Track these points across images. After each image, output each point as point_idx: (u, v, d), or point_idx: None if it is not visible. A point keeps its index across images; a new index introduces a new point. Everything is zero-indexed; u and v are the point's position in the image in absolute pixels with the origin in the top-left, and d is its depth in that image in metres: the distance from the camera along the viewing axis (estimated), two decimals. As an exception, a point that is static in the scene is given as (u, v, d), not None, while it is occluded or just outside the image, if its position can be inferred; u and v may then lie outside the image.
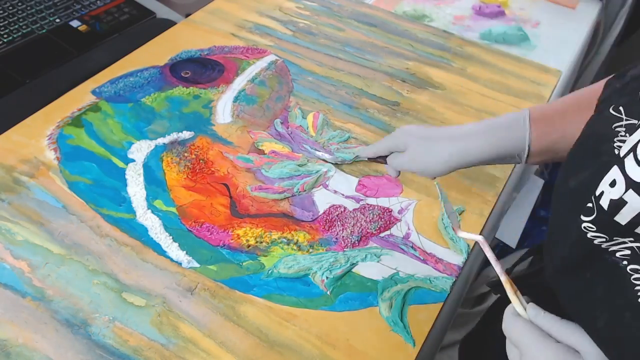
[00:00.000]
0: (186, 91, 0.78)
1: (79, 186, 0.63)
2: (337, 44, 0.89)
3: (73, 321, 0.51)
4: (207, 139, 0.71)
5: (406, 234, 0.61)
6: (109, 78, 0.78)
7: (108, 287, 0.54)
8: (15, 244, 0.57)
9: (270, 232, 0.60)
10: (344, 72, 0.83)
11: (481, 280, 1.17)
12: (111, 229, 0.59)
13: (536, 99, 0.80)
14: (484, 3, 1.03)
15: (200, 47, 0.86)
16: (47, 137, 0.69)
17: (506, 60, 0.88)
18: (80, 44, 0.86)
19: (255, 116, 0.75)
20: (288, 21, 0.94)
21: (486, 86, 0.83)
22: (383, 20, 0.96)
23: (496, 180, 0.68)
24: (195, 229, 0.60)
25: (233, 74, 0.81)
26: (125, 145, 0.69)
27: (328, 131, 0.73)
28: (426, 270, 0.57)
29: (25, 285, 0.54)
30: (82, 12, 0.92)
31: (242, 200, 0.63)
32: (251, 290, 0.55)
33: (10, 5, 0.89)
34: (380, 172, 0.68)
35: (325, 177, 0.67)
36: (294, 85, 0.80)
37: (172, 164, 0.67)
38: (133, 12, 0.94)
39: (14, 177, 0.64)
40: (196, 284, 0.55)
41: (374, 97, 0.79)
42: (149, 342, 0.50)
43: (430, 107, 0.78)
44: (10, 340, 0.50)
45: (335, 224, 0.61)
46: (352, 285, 0.56)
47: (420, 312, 0.54)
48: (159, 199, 0.63)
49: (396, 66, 0.85)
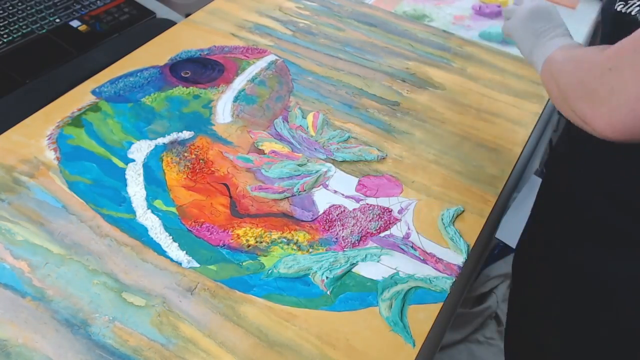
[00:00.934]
0: (186, 91, 0.78)
1: (79, 186, 0.63)
2: (337, 43, 0.89)
3: (73, 321, 0.51)
4: (207, 138, 0.71)
5: (406, 234, 0.61)
6: (109, 78, 0.78)
7: (108, 287, 0.54)
8: (15, 244, 0.57)
9: (270, 232, 0.60)
10: (344, 72, 0.83)
11: (481, 280, 1.18)
12: (111, 229, 0.59)
13: (536, 99, 0.80)
14: (484, 3, 1.03)
15: (200, 47, 0.86)
16: (47, 137, 0.69)
17: (506, 60, 0.88)
18: (80, 44, 0.86)
19: (255, 116, 0.75)
20: (288, 21, 0.94)
21: (486, 86, 0.83)
22: (383, 20, 0.96)
23: (496, 180, 0.68)
24: (195, 229, 0.60)
25: (233, 74, 0.81)
26: (125, 145, 0.69)
27: (328, 131, 0.73)
28: (426, 270, 0.57)
29: (25, 285, 0.54)
30: (82, 12, 0.92)
31: (242, 200, 0.63)
32: (251, 290, 0.55)
33: (10, 5, 0.89)
34: (380, 172, 0.68)
35: (325, 177, 0.67)
36: (294, 85, 0.80)
37: (172, 164, 0.67)
38: (133, 12, 0.94)
39: (14, 177, 0.64)
40: (196, 284, 0.55)
41: (374, 97, 0.79)
42: (148, 342, 0.50)
43: (430, 107, 0.78)
44: (10, 340, 0.50)
45: (335, 223, 0.61)
46: (352, 285, 0.56)
47: (420, 312, 0.54)
48: (158, 199, 0.63)
49: (396, 66, 0.85)
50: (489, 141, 0.73)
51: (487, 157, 0.71)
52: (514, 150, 0.72)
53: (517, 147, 0.73)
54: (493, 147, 0.72)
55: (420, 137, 0.73)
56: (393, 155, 0.70)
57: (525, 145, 0.74)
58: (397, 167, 0.69)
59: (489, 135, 0.74)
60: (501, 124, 0.76)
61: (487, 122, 0.76)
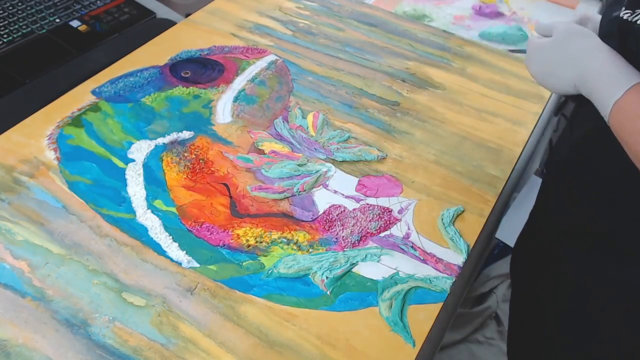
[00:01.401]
0: (186, 91, 0.78)
1: (79, 186, 0.64)
2: (337, 43, 0.89)
3: (73, 321, 0.51)
4: (207, 138, 0.71)
5: (406, 233, 0.61)
6: (109, 78, 0.78)
7: (108, 287, 0.54)
8: (15, 244, 0.57)
9: (270, 232, 0.60)
10: (343, 72, 0.83)
11: (481, 280, 1.18)
12: (111, 229, 0.59)
13: (536, 99, 0.80)
14: (484, 3, 1.03)
15: (200, 47, 0.86)
16: (47, 137, 0.69)
17: (506, 60, 0.88)
18: (80, 44, 0.86)
19: (255, 116, 0.75)
20: (288, 21, 0.94)
21: (486, 86, 0.83)
22: (383, 20, 0.96)
23: (496, 180, 0.68)
24: (195, 229, 0.60)
25: (233, 74, 0.81)
26: (125, 145, 0.69)
27: (328, 131, 0.73)
28: (426, 270, 0.57)
29: (25, 285, 0.54)
30: (82, 12, 0.92)
31: (242, 200, 0.63)
32: (251, 290, 0.55)
33: (10, 5, 0.89)
34: (380, 172, 0.68)
35: (325, 177, 0.67)
36: (294, 85, 0.80)
37: (172, 164, 0.67)
38: (133, 12, 0.94)
39: (14, 177, 0.64)
40: (196, 284, 0.55)
41: (374, 97, 0.79)
42: (148, 342, 0.50)
43: (430, 107, 0.78)
44: (10, 340, 0.50)
45: (335, 223, 0.61)
46: (352, 285, 0.56)
47: (420, 312, 0.54)
48: (158, 199, 0.63)
49: (396, 66, 0.85)
50: (489, 141, 0.73)
51: (487, 157, 0.71)
52: (514, 150, 0.72)
53: (517, 147, 0.73)
54: (493, 147, 0.72)
55: (420, 137, 0.73)
56: (393, 155, 0.70)
57: (525, 145, 0.74)
58: (397, 167, 0.69)
59: (489, 135, 0.74)
60: (501, 124, 0.76)
61: (487, 122, 0.76)
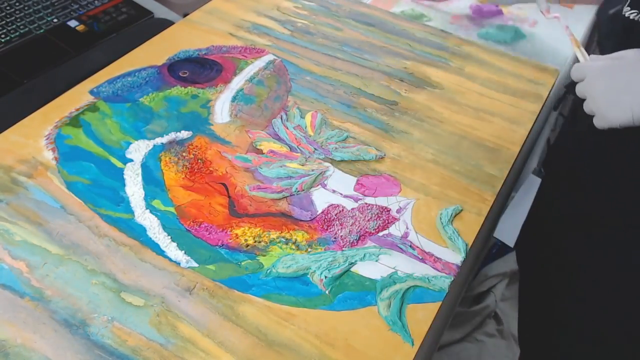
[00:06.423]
0: (184, 91, 0.78)
1: (77, 186, 0.63)
2: (335, 43, 0.89)
3: (72, 321, 0.51)
4: (206, 138, 0.71)
5: (404, 233, 0.61)
6: (107, 78, 0.78)
7: (106, 287, 0.54)
8: (14, 244, 0.57)
9: (269, 232, 0.60)
10: (342, 72, 0.83)
11: (479, 279, 1.18)
12: (109, 228, 0.59)
13: (534, 98, 0.81)
14: (482, 3, 1.03)
15: (198, 46, 0.86)
16: (45, 137, 0.69)
17: (504, 59, 0.88)
18: (78, 43, 0.86)
19: (254, 116, 0.75)
20: (286, 21, 0.94)
21: (484, 85, 0.83)
22: (381, 19, 0.96)
23: (494, 180, 0.68)
24: (194, 229, 0.60)
25: (231, 74, 0.81)
26: (123, 145, 0.69)
27: (326, 130, 0.73)
28: (425, 270, 0.57)
29: (23, 286, 0.54)
30: (79, 12, 0.92)
31: (241, 200, 0.63)
32: (250, 289, 0.55)
33: (8, 5, 0.89)
34: (379, 172, 0.68)
35: (323, 176, 0.67)
36: (292, 85, 0.80)
37: (171, 164, 0.67)
38: (131, 12, 0.94)
39: (12, 177, 0.64)
40: (195, 283, 0.55)
41: (372, 96, 0.79)
42: (147, 342, 0.50)
43: (428, 106, 0.78)
44: (8, 340, 0.50)
45: (334, 223, 0.61)
46: (350, 284, 0.56)
47: (418, 312, 0.54)
48: (157, 199, 0.63)
49: (394, 66, 0.85)
50: (487, 140, 0.73)
51: (485, 156, 0.71)
52: (512, 149, 0.72)
53: (515, 146, 0.73)
54: (491, 146, 0.73)
55: (418, 137, 0.73)
56: (391, 154, 0.70)
57: (523, 145, 0.74)
58: (395, 167, 0.69)
59: (487, 134, 0.74)
60: (499, 123, 0.76)
61: (485, 121, 0.76)
